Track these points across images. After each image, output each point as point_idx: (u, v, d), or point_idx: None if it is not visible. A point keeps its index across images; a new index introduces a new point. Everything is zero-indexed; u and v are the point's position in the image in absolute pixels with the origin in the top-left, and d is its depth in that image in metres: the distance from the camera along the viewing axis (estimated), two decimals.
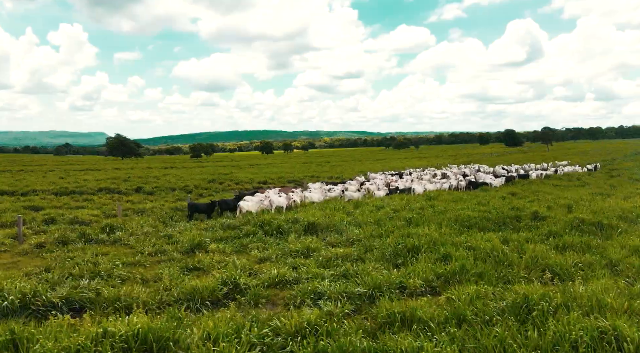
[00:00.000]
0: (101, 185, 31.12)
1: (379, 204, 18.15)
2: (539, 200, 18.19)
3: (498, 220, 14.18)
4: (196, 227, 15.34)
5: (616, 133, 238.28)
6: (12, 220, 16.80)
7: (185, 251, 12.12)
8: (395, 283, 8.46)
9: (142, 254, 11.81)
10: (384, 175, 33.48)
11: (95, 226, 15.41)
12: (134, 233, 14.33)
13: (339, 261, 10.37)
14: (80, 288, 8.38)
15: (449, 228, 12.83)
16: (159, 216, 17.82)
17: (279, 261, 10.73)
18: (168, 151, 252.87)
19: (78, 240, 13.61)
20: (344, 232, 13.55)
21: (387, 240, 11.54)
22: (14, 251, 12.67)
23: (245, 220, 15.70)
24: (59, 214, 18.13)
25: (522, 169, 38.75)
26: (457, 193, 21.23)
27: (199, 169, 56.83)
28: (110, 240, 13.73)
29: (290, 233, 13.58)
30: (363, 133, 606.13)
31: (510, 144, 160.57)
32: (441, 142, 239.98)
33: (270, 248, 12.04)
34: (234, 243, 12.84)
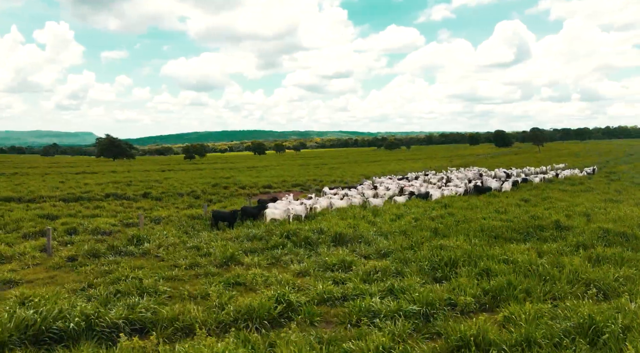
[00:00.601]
0: (106, 190, 30.91)
1: (398, 213, 18.35)
2: (554, 208, 18.52)
3: (521, 230, 14.44)
4: (221, 237, 15.37)
5: (603, 133, 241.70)
6: (33, 231, 16.70)
7: (220, 264, 12.18)
8: (444, 300, 8.63)
9: (178, 268, 11.83)
10: (391, 179, 33.68)
11: (121, 237, 15.37)
12: (161, 244, 14.33)
13: (379, 274, 10.53)
14: (138, 307, 8.42)
15: (477, 239, 13.06)
16: (178, 226, 17.82)
17: (318, 276, 10.83)
18: (158, 151, 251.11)
19: (107, 252, 13.60)
20: (372, 243, 13.71)
21: (421, 253, 11.72)
22: (46, 264, 12.62)
23: (268, 230, 15.76)
24: (78, 224, 18.03)
25: (523, 173, 39.22)
26: (472, 200, 21.48)
27: (198, 172, 56.61)
28: (139, 252, 13.73)
29: (319, 245, 13.71)
30: (353, 133, 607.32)
31: (500, 145, 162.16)
32: (431, 142, 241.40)
33: (304, 261, 12.14)
34: (266, 255, 12.91)
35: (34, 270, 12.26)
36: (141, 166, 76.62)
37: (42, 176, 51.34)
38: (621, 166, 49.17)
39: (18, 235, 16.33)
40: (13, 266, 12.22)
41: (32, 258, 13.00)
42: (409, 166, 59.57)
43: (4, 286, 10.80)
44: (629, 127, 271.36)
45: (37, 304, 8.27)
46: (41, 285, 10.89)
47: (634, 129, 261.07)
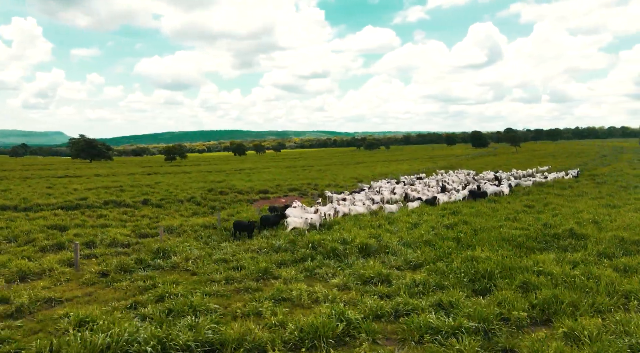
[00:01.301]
0: (102, 197, 30.37)
1: (413, 221, 18.70)
2: (561, 214, 19.18)
3: (539, 238, 14.97)
4: (244, 249, 15.42)
5: (573, 134, 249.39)
6: (48, 243, 16.37)
7: (256, 278, 12.26)
8: (496, 315, 8.95)
9: (217, 282, 11.87)
10: (390, 183, 34.04)
11: (144, 249, 15.27)
12: (188, 257, 14.31)
13: (420, 288, 10.81)
14: (199, 328, 8.49)
15: (502, 249, 13.49)
16: (195, 236, 17.76)
17: (359, 289, 11.04)
18: (134, 151, 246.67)
19: (136, 266, 13.52)
20: (399, 254, 13.99)
21: (454, 265, 12.06)
22: (78, 280, 12.48)
23: (290, 240, 15.88)
24: (92, 235, 17.78)
25: (512, 176, 40.17)
26: (478, 207, 22.02)
27: (185, 175, 55.95)
28: (168, 265, 13.70)
29: (347, 256, 13.91)
30: (330, 133, 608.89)
31: (476, 145, 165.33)
32: (409, 142, 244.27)
33: (339, 274, 12.34)
34: (298, 268, 13.05)
35: (67, 286, 12.12)
36: (123, 169, 75.18)
37: (23, 179, 49.96)
38: (601, 168, 50.79)
39: (34, 248, 15.99)
40: (46, 283, 12.05)
41: (61, 274, 12.82)
42: (396, 168, 60.20)
43: (45, 304, 10.68)
44: (596, 128, 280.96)
45: (102, 327, 8.27)
46: (83, 303, 10.83)
47: (601, 130, 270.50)
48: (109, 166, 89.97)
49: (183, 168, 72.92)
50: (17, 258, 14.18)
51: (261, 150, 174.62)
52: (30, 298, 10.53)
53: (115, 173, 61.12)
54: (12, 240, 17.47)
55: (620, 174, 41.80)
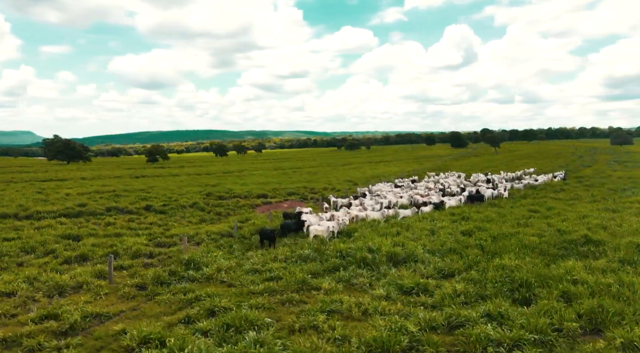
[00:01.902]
0: (102, 203, 29.92)
1: (429, 227, 19.11)
2: (568, 220, 19.88)
3: (557, 245, 15.52)
4: (271, 259, 15.54)
5: (546, 134, 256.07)
6: (72, 255, 16.13)
7: (295, 289, 12.40)
8: (546, 325, 9.33)
9: (259, 294, 11.99)
10: (389, 187, 34.46)
11: (171, 261, 15.25)
12: (220, 268, 14.36)
13: (461, 298, 11.17)
14: (267, 343, 8.66)
15: (527, 257, 13.98)
16: (217, 245, 17.78)
17: (402, 300, 11.32)
18: (110, 152, 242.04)
19: (171, 278, 13.52)
20: (428, 262, 14.34)
21: (489, 274, 12.46)
22: (117, 294, 12.44)
23: (313, 249, 16.07)
24: (108, 245, 17.65)
25: (504, 179, 41.18)
26: (486, 212, 22.62)
27: (175, 178, 55.39)
28: (202, 277, 13.72)
29: (378, 265, 14.14)
30: (309, 133, 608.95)
31: (455, 146, 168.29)
32: (389, 142, 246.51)
33: (377, 284, 12.58)
34: (333, 278, 13.25)
35: (108, 300, 12.08)
36: (107, 171, 73.87)
37: (7, 183, 48.66)
38: (583, 169, 52.40)
39: (57, 260, 15.79)
40: (86, 298, 12.00)
41: (98, 287, 12.74)
42: (385, 169, 60.88)
43: (95, 320, 10.64)
44: (567, 128, 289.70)
45: (174, 345, 8.36)
46: (131, 318, 10.86)
47: (572, 130, 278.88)
48: (89, 168, 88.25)
49: (169, 170, 72.06)
50: (46, 271, 14.02)
51: (242, 151, 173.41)
52: (81, 314, 10.48)
53: (100, 176, 60.05)
54: (29, 251, 17.18)
55: (604, 176, 43.16)
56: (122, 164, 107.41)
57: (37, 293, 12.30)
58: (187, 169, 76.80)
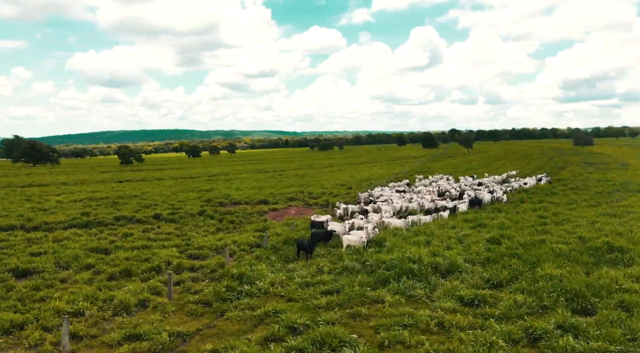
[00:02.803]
0: (103, 211, 29.39)
1: (455, 236, 19.81)
2: (580, 226, 21.01)
3: (584, 252, 16.47)
4: (314, 270, 15.85)
5: (510, 135, 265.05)
6: (117, 271, 15.91)
7: (359, 302, 12.72)
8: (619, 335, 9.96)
9: (325, 309, 12.30)
10: (388, 191, 35.06)
11: (221, 274, 15.34)
12: (273, 282, 14.57)
13: (523, 309, 11.74)
14: None
15: (568, 266, 14.76)
16: (255, 257, 17.90)
17: (469, 312, 11.80)
18: (74, 153, 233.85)
19: (229, 293, 13.62)
20: (471, 272, 14.91)
21: (540, 284, 13.14)
22: (184, 311, 12.54)
23: (358, 261, 16.49)
24: (143, 259, 17.50)
25: (492, 183, 42.58)
26: (498, 219, 23.55)
27: (161, 182, 54.58)
28: (258, 291, 13.89)
29: (425, 276, 14.63)
30: (279, 132, 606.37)
31: (427, 146, 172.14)
32: (360, 142, 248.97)
33: (435, 296, 13.09)
34: (389, 290, 13.69)
35: (178, 317, 12.16)
36: (84, 175, 71.96)
37: None
38: (561, 172, 54.70)
39: (100, 276, 15.61)
40: (156, 316, 12.01)
41: (161, 304, 12.77)
42: (370, 172, 61.61)
43: (177, 339, 10.74)
44: (530, 129, 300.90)
45: None
46: (212, 336, 11.05)
47: (534, 131, 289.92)
48: (61, 171, 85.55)
49: (149, 174, 70.76)
50: (101, 289, 13.89)
51: (215, 151, 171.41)
52: (166, 333, 10.56)
53: (81, 181, 58.49)
54: (64, 266, 16.88)
55: (583, 178, 45.07)
56: (94, 166, 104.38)
57: (105, 312, 12.24)
58: (168, 172, 75.60)
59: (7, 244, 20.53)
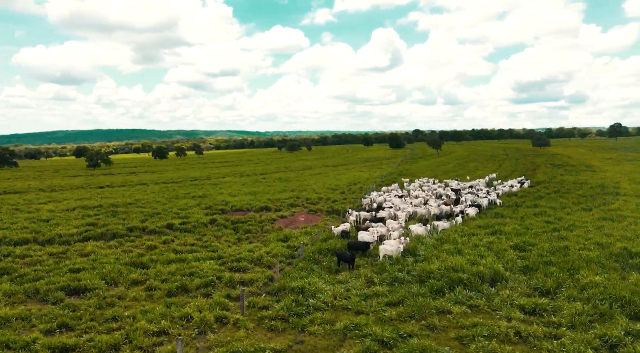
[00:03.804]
0: (112, 221, 28.81)
1: (480, 243, 20.83)
2: (590, 231, 22.55)
3: (611, 259, 17.74)
4: (362, 282, 16.46)
5: (470, 135, 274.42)
6: (172, 287, 15.93)
7: (428, 314, 13.44)
8: None
9: (397, 321, 12.95)
10: (385, 196, 35.94)
11: (280, 288, 15.64)
12: (334, 294, 15.05)
13: (584, 317, 12.64)
14: None
15: (604, 272, 15.95)
16: (298, 269, 18.25)
17: (536, 321, 12.71)
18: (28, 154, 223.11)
19: (298, 308, 13.99)
20: (516, 281, 15.83)
21: (589, 291, 14.20)
22: (262, 327, 12.87)
23: (395, 269, 17.23)
24: (188, 273, 17.53)
25: (477, 186, 44.31)
26: (508, 224, 24.86)
27: (146, 187, 53.45)
28: (325, 305, 14.33)
29: (476, 285, 15.44)
30: (242, 132, 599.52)
31: (394, 147, 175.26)
32: (326, 142, 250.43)
33: (494, 305, 13.95)
34: (448, 300, 14.46)
35: (262, 333, 12.57)
36: (56, 180, 69.38)
37: None
38: (535, 174, 57.39)
39: (159, 292, 15.62)
40: (241, 333, 12.30)
41: (240, 321, 13.04)
42: (354, 175, 62.29)
43: None
44: (488, 129, 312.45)
45: None
46: (306, 352, 11.42)
47: (493, 132, 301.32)
48: (25, 174, 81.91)
49: (127, 178, 69.01)
50: (165, 306, 13.99)
51: (182, 153, 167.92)
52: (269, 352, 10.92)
53: (58, 187, 56.47)
54: (111, 282, 16.74)
55: (558, 181, 47.48)
56: (58, 169, 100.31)
57: (188, 330, 12.43)
58: (143, 176, 73.94)
59: (32, 260, 20.04)
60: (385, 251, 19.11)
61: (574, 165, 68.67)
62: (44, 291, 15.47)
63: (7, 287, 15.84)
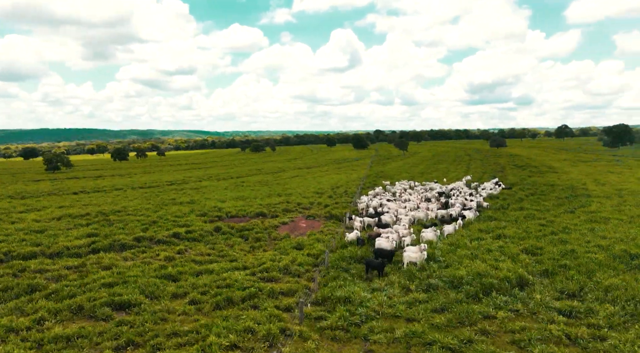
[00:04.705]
0: (118, 232, 28.21)
1: (490, 247, 22.00)
2: (585, 234, 24.31)
3: (616, 260, 19.33)
4: (402, 288, 17.28)
5: (430, 135, 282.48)
6: (218, 300, 16.10)
7: (476, 320, 14.39)
8: None
9: (453, 328, 13.81)
10: (378, 199, 36.94)
11: (327, 297, 16.14)
12: (380, 302, 15.72)
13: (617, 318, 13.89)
14: None
15: (618, 274, 17.41)
16: (332, 277, 18.76)
17: (577, 323, 13.88)
18: None
19: (353, 318, 14.55)
20: (541, 285, 17.04)
21: (615, 293, 15.47)
22: (325, 337, 13.37)
23: (427, 275, 18.16)
24: (225, 285, 17.71)
25: (466, 189, 46.07)
26: (507, 227, 26.40)
27: (124, 193, 52.18)
28: (375, 313, 14.98)
29: (505, 290, 16.54)
30: (200, 132, 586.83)
31: (358, 147, 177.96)
32: (289, 143, 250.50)
33: (538, 311, 15.02)
34: (487, 304, 15.44)
35: (328, 344, 13.08)
36: (17, 185, 66.31)
37: None
38: (505, 176, 60.23)
39: (206, 305, 15.75)
40: (309, 345, 12.76)
41: (305, 333, 13.48)
42: (334, 178, 63.17)
43: None
44: (446, 129, 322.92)
45: None
46: None
47: (450, 132, 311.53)
48: None
49: (96, 183, 66.91)
50: (223, 319, 14.24)
51: (142, 154, 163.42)
52: None
53: (26, 193, 54.13)
54: (150, 296, 16.69)
55: (531, 183, 49.89)
56: (14, 173, 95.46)
57: (257, 343, 12.76)
58: (112, 180, 71.88)
59: (53, 274, 19.57)
60: (409, 258, 19.94)
61: (536, 166, 71.98)
62: (89, 308, 15.30)
63: (48, 305, 15.53)
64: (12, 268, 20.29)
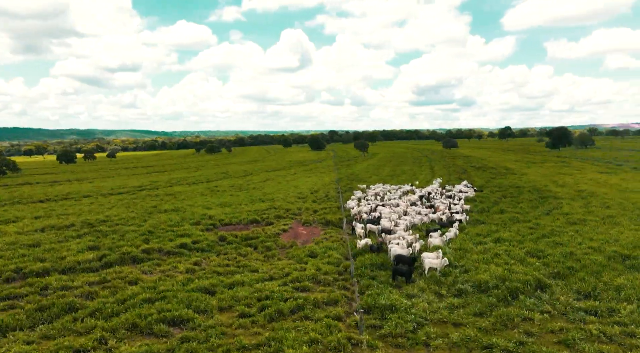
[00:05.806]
0: (121, 245, 27.58)
1: (496, 251, 23.61)
2: (573, 237, 26.51)
3: (612, 260, 21.43)
4: (435, 294, 18.41)
5: (382, 135, 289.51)
6: (269, 313, 16.46)
7: (517, 323, 15.71)
8: None
9: (498, 331, 15.05)
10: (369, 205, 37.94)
11: (372, 305, 16.93)
12: (425, 309, 16.73)
13: (636, 315, 15.68)
14: None
15: (623, 274, 19.38)
16: (365, 286, 19.56)
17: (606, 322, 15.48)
18: None
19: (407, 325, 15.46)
20: (558, 286, 18.63)
21: (626, 293, 17.23)
22: (385, 344, 14.20)
23: (452, 280, 19.44)
24: (264, 296, 18.09)
25: (437, 191, 48.17)
26: (499, 231, 28.29)
27: (95, 200, 50.36)
28: (424, 319, 15.93)
29: (529, 293, 18.06)
30: (147, 132, 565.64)
31: (315, 148, 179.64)
32: (243, 143, 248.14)
33: (566, 311, 16.49)
34: (519, 307, 16.81)
35: (394, 352, 13.83)
36: None
37: None
38: (471, 178, 62.96)
39: (258, 319, 16.12)
40: None
41: (368, 344, 14.24)
42: (309, 181, 63.81)
43: None
44: (397, 130, 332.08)
45: None
46: None
47: (402, 132, 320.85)
48: None
49: (59, 189, 64.00)
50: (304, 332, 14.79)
51: (90, 156, 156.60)
52: None
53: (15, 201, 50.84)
54: (198, 311, 16.83)
55: (498, 185, 52.61)
56: None
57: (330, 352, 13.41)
58: (72, 186, 69.04)
59: (81, 291, 19.13)
60: (430, 264, 21.10)
61: (493, 167, 75.47)
62: (144, 325, 15.30)
63: (101, 323, 15.36)
64: (33, 286, 19.63)
